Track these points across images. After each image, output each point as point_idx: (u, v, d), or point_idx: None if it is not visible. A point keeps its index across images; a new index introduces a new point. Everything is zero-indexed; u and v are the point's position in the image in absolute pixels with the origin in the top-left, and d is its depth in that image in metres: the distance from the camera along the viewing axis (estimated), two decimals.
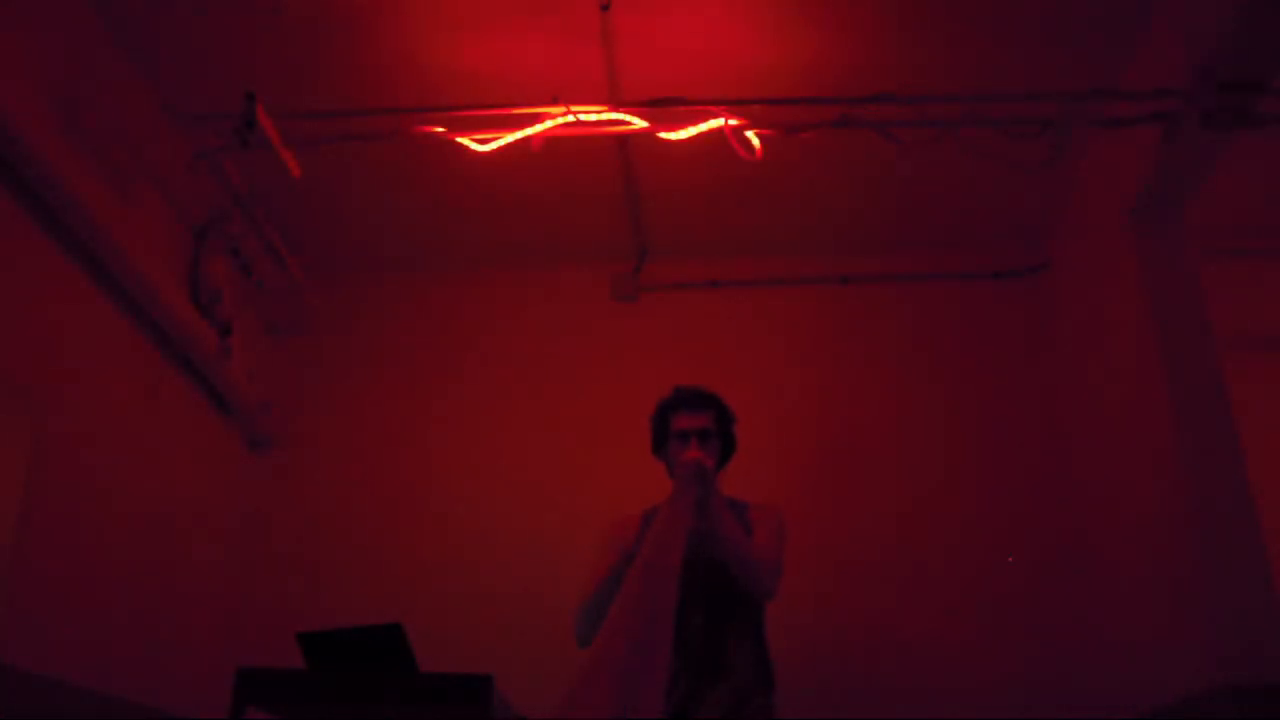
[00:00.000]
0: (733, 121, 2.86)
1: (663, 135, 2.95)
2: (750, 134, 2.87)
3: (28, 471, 2.53)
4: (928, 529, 3.63)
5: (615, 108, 2.94)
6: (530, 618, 3.51)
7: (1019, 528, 3.61)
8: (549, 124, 2.90)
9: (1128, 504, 3.25)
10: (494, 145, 2.96)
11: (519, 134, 2.92)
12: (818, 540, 3.50)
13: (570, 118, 2.89)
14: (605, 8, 2.88)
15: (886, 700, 3.41)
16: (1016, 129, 2.82)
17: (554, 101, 2.89)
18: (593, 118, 2.91)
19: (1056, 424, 3.74)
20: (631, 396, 3.20)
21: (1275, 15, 2.46)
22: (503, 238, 3.99)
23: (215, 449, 3.64)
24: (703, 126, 2.90)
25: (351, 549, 3.75)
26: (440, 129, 2.95)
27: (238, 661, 2.45)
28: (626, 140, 3.36)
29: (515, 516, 3.72)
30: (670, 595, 2.36)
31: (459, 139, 2.97)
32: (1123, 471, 3.28)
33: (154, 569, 3.17)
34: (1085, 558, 3.52)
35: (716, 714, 2.58)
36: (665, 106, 2.91)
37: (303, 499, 3.85)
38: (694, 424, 2.81)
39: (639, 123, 2.94)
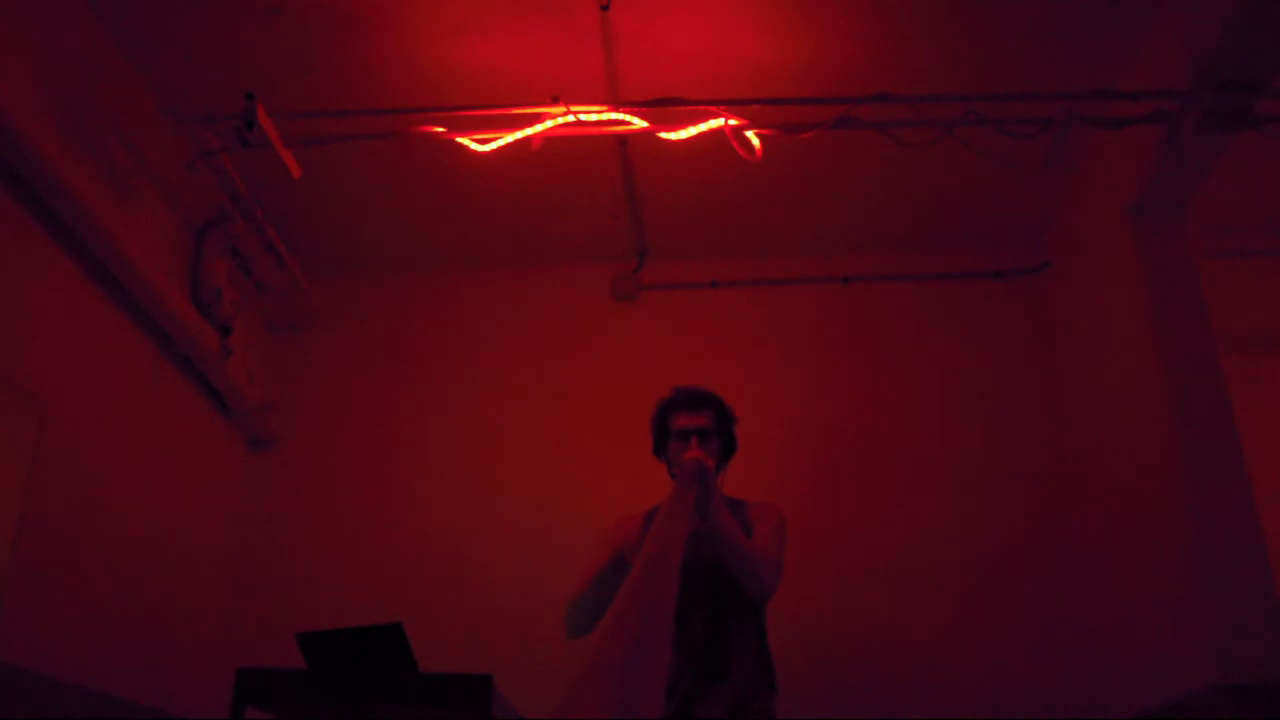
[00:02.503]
0: (733, 121, 2.86)
1: (663, 135, 2.95)
2: (750, 134, 2.87)
3: (28, 471, 2.54)
4: (928, 528, 3.63)
5: (615, 108, 2.94)
6: (530, 618, 3.51)
7: (1019, 527, 3.61)
8: (549, 124, 2.90)
9: (1128, 503, 3.25)
10: (494, 145, 2.96)
11: (519, 134, 2.92)
12: (818, 541, 3.50)
13: (570, 118, 2.88)
14: (605, 8, 2.88)
15: (887, 700, 3.41)
16: (1016, 129, 2.82)
17: (554, 101, 2.89)
18: (593, 118, 2.90)
19: (1057, 423, 3.74)
20: (631, 396, 3.20)
21: (1275, 15, 2.46)
22: (503, 238, 3.99)
23: (215, 449, 3.64)
24: (703, 126, 2.90)
25: (351, 549, 3.75)
26: (440, 129, 2.95)
27: (238, 661, 2.45)
28: (626, 140, 3.36)
29: (515, 516, 3.71)
30: (670, 594, 2.35)
31: (459, 139, 2.97)
32: (1123, 471, 3.28)
33: (154, 569, 3.17)
34: (1085, 557, 3.52)
35: (717, 714, 2.58)
36: (665, 106, 2.90)
37: (303, 499, 3.85)
38: (693, 423, 2.80)
39: (639, 123, 2.94)
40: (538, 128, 2.90)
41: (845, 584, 3.57)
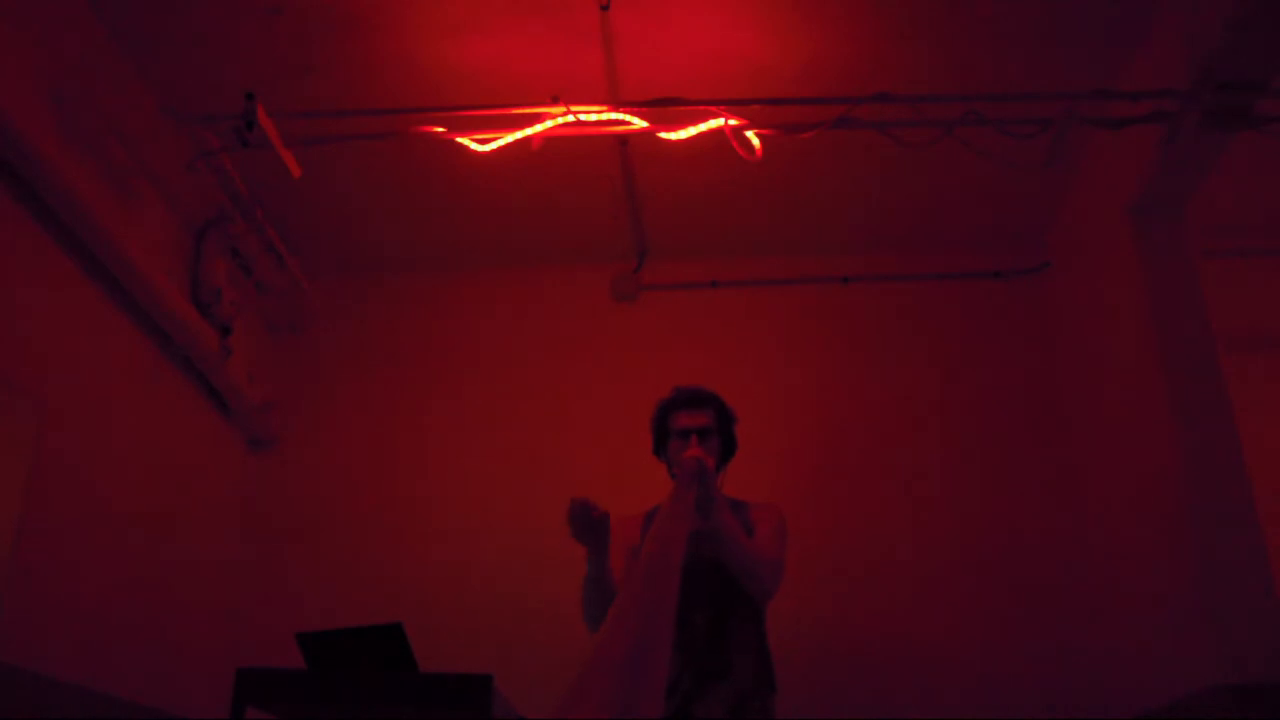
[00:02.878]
0: (733, 121, 2.86)
1: (663, 135, 2.95)
2: (750, 134, 2.87)
3: (28, 471, 2.53)
4: (928, 528, 3.63)
5: (615, 108, 2.94)
6: (530, 618, 3.51)
7: (1019, 527, 3.61)
8: (549, 124, 2.90)
9: (1128, 503, 3.25)
10: (494, 145, 2.96)
11: (519, 134, 2.92)
12: (818, 540, 3.50)
13: (570, 118, 2.88)
14: (605, 8, 2.88)
15: (887, 700, 3.41)
16: (1016, 129, 2.82)
17: (554, 101, 2.89)
18: (593, 118, 2.90)
19: (1057, 423, 3.74)
20: (631, 396, 3.20)
21: (1275, 15, 2.46)
22: (503, 238, 3.99)
23: (215, 449, 3.64)
24: (703, 126, 2.90)
25: (351, 549, 3.75)
26: (440, 129, 2.95)
27: (238, 661, 2.45)
28: (626, 140, 3.36)
29: (515, 516, 3.71)
30: (671, 594, 2.35)
31: (459, 139, 2.97)
32: (1123, 471, 3.28)
33: (154, 569, 3.17)
34: (1085, 556, 3.52)
35: (718, 714, 2.57)
36: (665, 106, 2.90)
37: (303, 499, 3.85)
38: (694, 422, 2.80)
39: (639, 123, 2.94)
40: (538, 128, 2.91)
41: (845, 584, 3.57)
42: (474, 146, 2.97)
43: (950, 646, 3.47)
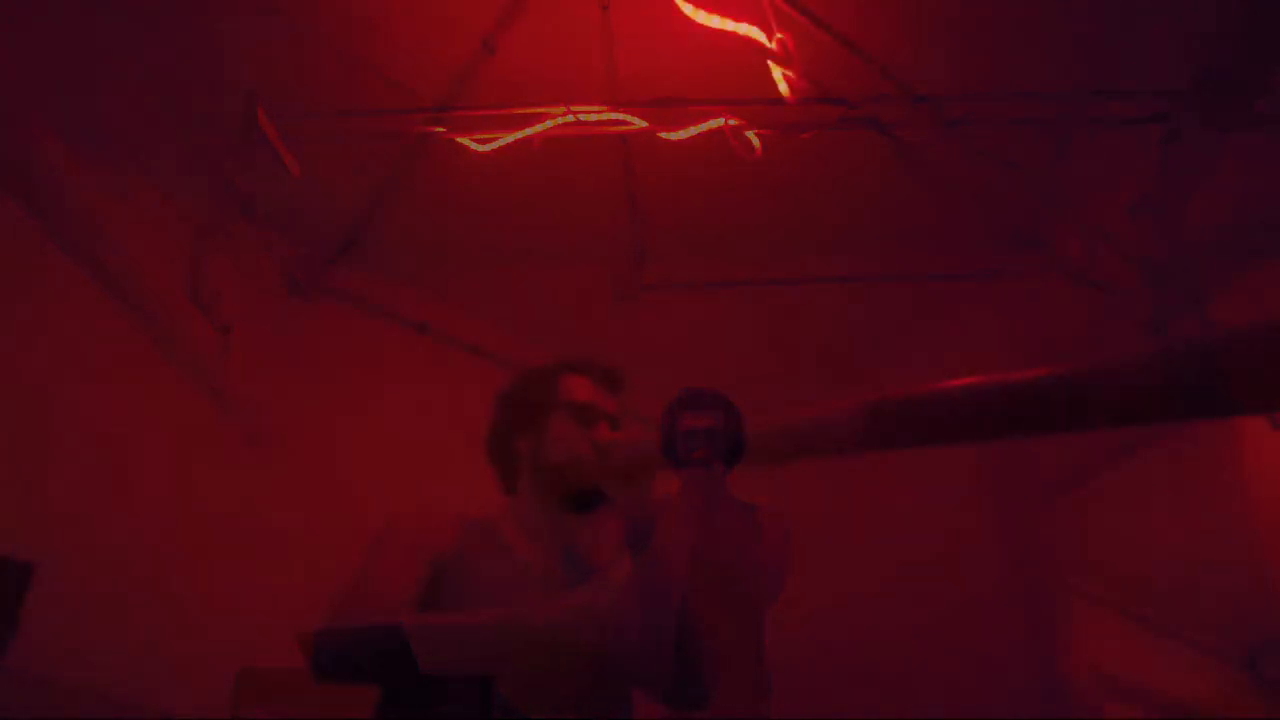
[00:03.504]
0: (733, 121, 2.86)
1: (663, 135, 2.95)
2: (750, 134, 2.87)
3: (28, 472, 2.53)
4: (927, 529, 3.63)
5: (615, 108, 2.94)
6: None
7: (1020, 528, 3.61)
8: (549, 124, 2.90)
9: (1128, 502, 3.25)
10: (494, 145, 2.96)
11: (519, 134, 2.92)
12: (817, 542, 3.49)
13: (570, 118, 2.89)
14: (605, 8, 2.87)
15: (885, 701, 3.41)
16: (1017, 129, 2.82)
17: (554, 102, 2.89)
18: (593, 118, 2.90)
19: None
20: (631, 396, 3.19)
21: (1275, 15, 2.46)
22: (503, 238, 3.98)
23: (214, 448, 3.63)
24: (703, 126, 2.90)
25: (351, 549, 3.73)
26: (440, 129, 2.95)
27: (238, 661, 2.45)
28: (626, 140, 3.35)
29: None
30: (673, 598, 2.35)
31: (459, 139, 2.97)
32: (1123, 471, 3.28)
33: (153, 568, 3.16)
34: (1088, 556, 3.52)
35: (715, 715, 2.57)
36: (665, 106, 2.90)
37: (302, 498, 3.84)
38: (700, 424, 2.79)
39: (639, 123, 2.94)
40: (538, 128, 2.91)
41: (845, 584, 3.57)
42: (474, 146, 2.97)
43: (951, 647, 3.47)
